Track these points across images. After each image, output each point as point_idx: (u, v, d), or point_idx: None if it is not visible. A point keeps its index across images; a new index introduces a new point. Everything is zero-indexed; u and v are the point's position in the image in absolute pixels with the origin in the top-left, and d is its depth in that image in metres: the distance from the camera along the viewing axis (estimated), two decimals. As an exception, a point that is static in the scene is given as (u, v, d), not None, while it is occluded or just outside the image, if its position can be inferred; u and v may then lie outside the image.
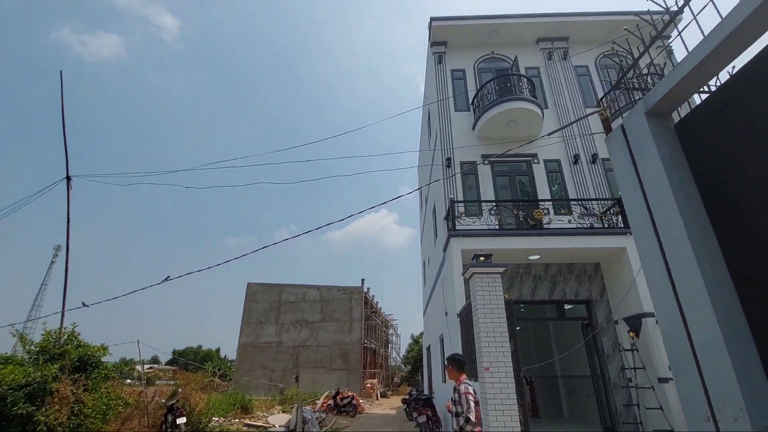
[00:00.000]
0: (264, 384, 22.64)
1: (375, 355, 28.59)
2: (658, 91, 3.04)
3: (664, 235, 2.94)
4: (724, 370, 2.40)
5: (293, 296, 26.15)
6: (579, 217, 9.41)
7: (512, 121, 10.36)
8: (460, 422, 3.70)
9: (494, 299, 5.88)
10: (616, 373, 8.44)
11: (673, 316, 2.82)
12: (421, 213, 19.84)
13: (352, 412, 14.41)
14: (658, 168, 2.99)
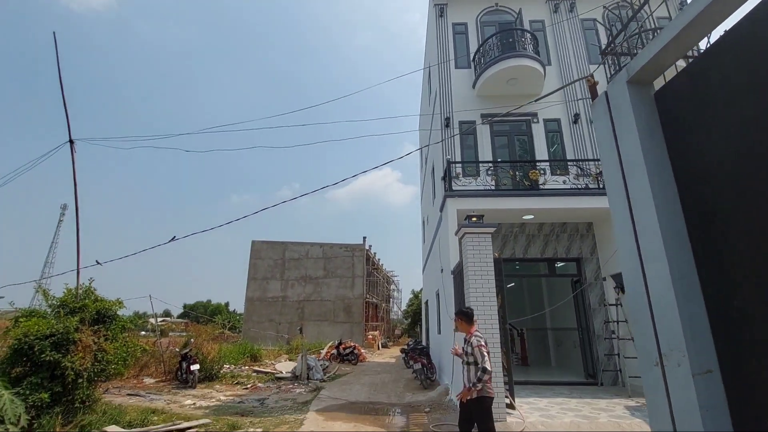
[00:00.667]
0: (271, 335, 23.92)
1: (377, 309, 29.83)
2: (640, 60, 3.10)
3: (634, 200, 3.13)
4: (673, 322, 2.69)
5: (297, 253, 26.87)
6: (575, 177, 9.51)
7: (513, 78, 10.17)
8: (477, 373, 3.94)
9: (484, 257, 6.18)
10: (600, 325, 8.94)
11: (635, 272, 3.08)
12: (421, 172, 19.87)
13: (354, 360, 15.37)
14: (633, 136, 3.11)
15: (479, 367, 3.95)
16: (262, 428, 6.05)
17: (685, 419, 2.57)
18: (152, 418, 6.57)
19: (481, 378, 3.91)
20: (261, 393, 9.48)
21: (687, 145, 2.86)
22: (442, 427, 5.96)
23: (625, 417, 5.75)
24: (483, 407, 3.98)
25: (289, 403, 8.28)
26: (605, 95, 3.57)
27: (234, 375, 11.59)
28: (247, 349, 15.80)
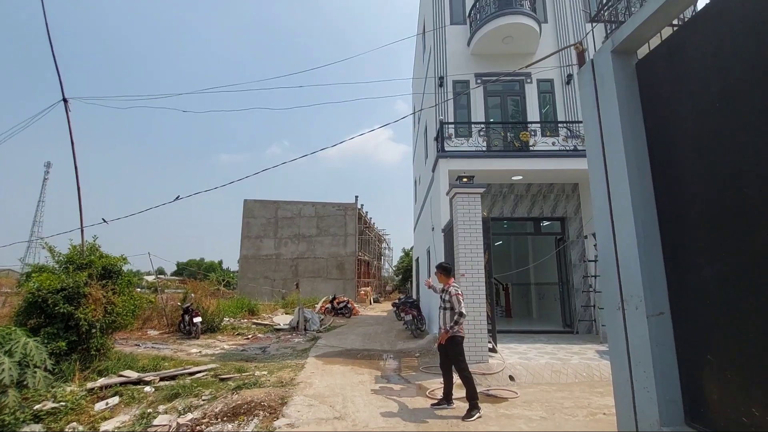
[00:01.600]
0: (266, 291, 24.69)
1: (368, 267, 30.72)
2: (625, 30, 3.28)
3: (609, 165, 3.44)
4: (634, 273, 3.09)
5: (289, 212, 27.13)
6: (564, 139, 9.73)
7: (509, 37, 10.06)
8: (453, 317, 4.53)
9: (473, 216, 6.53)
10: (579, 280, 9.57)
11: (606, 230, 3.45)
12: (414, 131, 19.80)
13: (348, 314, 16.16)
14: (613, 104, 3.37)
15: (456, 311, 4.50)
16: (267, 371, 6.60)
17: (638, 353, 3.05)
18: (164, 364, 7.09)
19: (457, 321, 4.50)
20: (262, 342, 10.10)
21: (661, 115, 3.15)
22: (431, 368, 6.58)
23: (595, 359, 6.41)
24: (456, 345, 4.54)
25: (289, 350, 8.90)
26: (591, 63, 3.78)
27: (234, 327, 12.22)
28: (244, 303, 16.45)
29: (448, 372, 4.65)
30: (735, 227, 2.49)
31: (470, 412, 4.22)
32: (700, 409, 2.72)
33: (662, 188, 3.10)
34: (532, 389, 5.28)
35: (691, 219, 2.83)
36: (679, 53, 2.93)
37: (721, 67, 2.59)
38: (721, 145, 2.60)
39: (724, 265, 2.57)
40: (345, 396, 5.04)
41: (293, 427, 3.94)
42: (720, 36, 2.59)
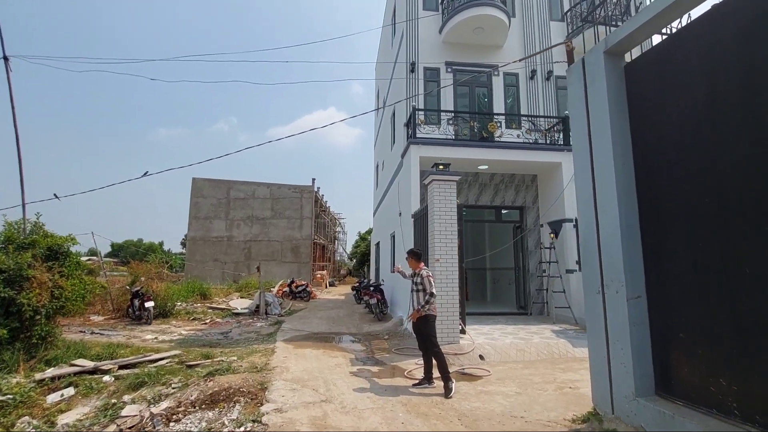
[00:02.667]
0: (216, 275, 23.66)
1: (323, 250, 30.45)
2: (619, 34, 3.51)
3: (596, 159, 3.70)
4: (616, 260, 3.37)
5: (242, 193, 25.97)
6: (526, 132, 10.21)
7: (480, 28, 10.24)
8: (426, 297, 4.71)
9: (449, 203, 6.70)
10: (534, 265, 10.23)
11: (590, 219, 3.73)
12: (376, 116, 19.67)
13: (307, 297, 16.00)
14: (603, 101, 3.61)
15: (427, 292, 4.71)
16: (236, 357, 6.40)
17: (617, 332, 3.36)
18: (120, 352, 6.61)
19: (429, 301, 4.71)
20: (222, 327, 9.74)
21: (646, 114, 3.42)
22: (403, 350, 6.76)
23: (553, 338, 6.95)
24: (428, 323, 4.78)
25: (254, 335, 8.68)
26: (582, 62, 3.99)
27: (188, 312, 11.64)
28: (195, 287, 15.67)
29: (427, 352, 4.82)
30: (711, 220, 2.81)
31: (447, 386, 4.45)
32: (670, 382, 3.08)
33: (643, 182, 3.40)
34: (501, 367, 5.64)
35: (671, 212, 3.14)
36: (668, 59, 3.18)
37: (706, 75, 2.87)
38: (701, 145, 2.90)
39: (699, 254, 2.89)
40: (326, 379, 5.05)
41: (281, 411, 3.90)
42: (707, 47, 2.85)
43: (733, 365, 2.59)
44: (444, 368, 4.53)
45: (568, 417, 3.75)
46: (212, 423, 3.91)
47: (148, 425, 4.16)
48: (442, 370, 4.54)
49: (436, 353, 4.65)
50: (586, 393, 4.47)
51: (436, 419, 3.72)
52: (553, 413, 3.87)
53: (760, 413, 2.42)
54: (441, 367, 4.55)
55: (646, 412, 3.02)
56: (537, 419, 3.73)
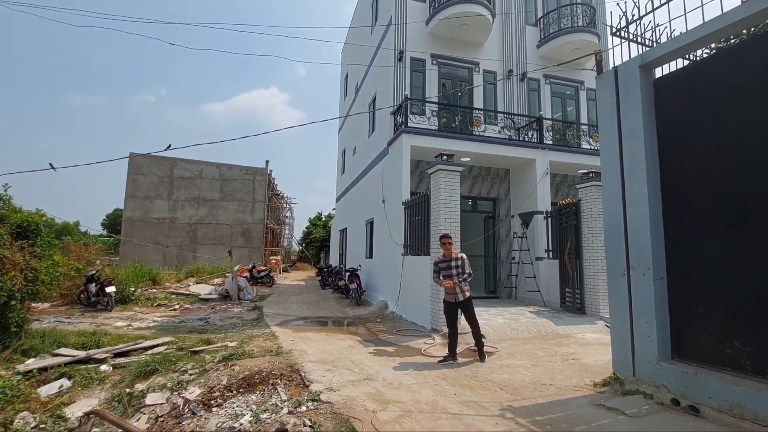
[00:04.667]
0: (157, 259, 21.96)
1: (274, 235, 29.55)
2: (658, 51, 4.02)
3: (626, 158, 4.22)
4: (645, 247, 3.92)
5: (188, 172, 24.16)
6: (502, 128, 10.90)
7: (466, 24, 10.62)
8: (463, 276, 5.24)
9: (453, 192, 7.05)
10: (505, 253, 11.07)
11: (617, 211, 4.26)
12: (343, 100, 19.40)
13: (270, 283, 15.59)
14: (637, 109, 4.12)
15: (466, 272, 5.24)
16: (237, 342, 6.21)
17: (641, 308, 3.92)
18: (104, 339, 6.07)
19: (466, 279, 5.23)
20: (197, 313, 9.25)
21: (673, 123, 3.98)
22: (404, 332, 7.05)
23: (534, 318, 7.69)
24: (471, 304, 5.32)
25: (237, 321, 8.40)
26: (614, 71, 4.48)
27: (150, 298, 10.80)
28: (145, 272, 14.48)
29: (455, 330, 5.25)
30: (728, 214, 3.44)
31: (482, 354, 5.21)
32: (685, 348, 3.71)
33: (666, 182, 3.99)
34: (503, 344, 6.17)
35: (691, 208, 3.74)
36: (697, 78, 3.76)
37: (729, 97, 3.46)
38: (726, 152, 3.51)
39: (717, 243, 3.51)
40: (352, 360, 5.17)
41: (334, 390, 3.98)
42: (738, 74, 3.43)
43: (746, 331, 3.24)
44: (480, 340, 5.25)
45: (588, 382, 4.32)
46: (261, 405, 3.87)
47: (186, 412, 4.01)
48: (479, 341, 5.25)
49: (478, 330, 5.29)
50: (589, 363, 5.14)
51: (482, 390, 4.07)
52: (573, 380, 4.42)
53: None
54: (479, 339, 5.26)
55: (669, 373, 3.62)
56: (564, 385, 4.24)
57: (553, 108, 12.39)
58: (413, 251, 8.30)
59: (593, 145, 11.71)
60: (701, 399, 3.31)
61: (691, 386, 3.42)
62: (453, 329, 5.30)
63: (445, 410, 3.48)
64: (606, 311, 7.72)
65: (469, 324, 5.32)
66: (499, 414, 3.42)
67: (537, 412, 3.47)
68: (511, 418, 3.33)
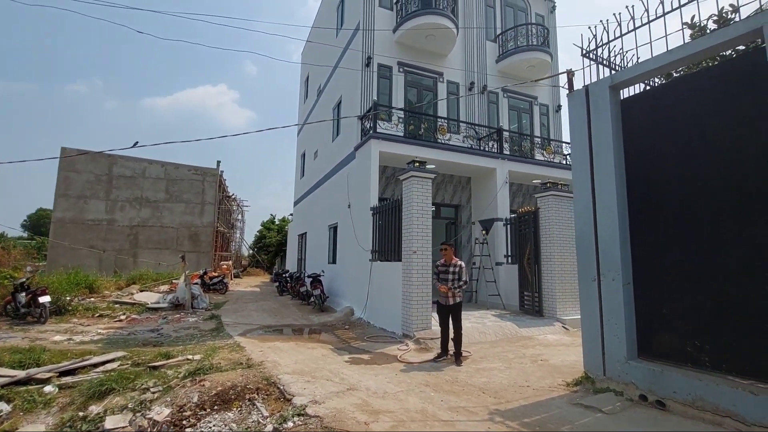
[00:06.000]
0: (92, 264, 20.03)
1: (224, 239, 28.13)
2: (627, 74, 4.37)
3: (597, 169, 4.53)
4: (614, 254, 4.22)
5: (129, 170, 22.29)
6: (465, 137, 11.28)
7: (432, 35, 10.88)
8: (460, 283, 5.47)
9: (425, 199, 7.15)
10: (467, 259, 11.40)
11: (588, 221, 4.55)
12: (303, 102, 19.02)
13: (223, 289, 14.79)
14: (606, 124, 4.45)
15: (463, 279, 5.47)
16: (201, 354, 5.81)
17: (611, 311, 4.21)
18: (43, 356, 5.38)
19: (461, 286, 5.45)
20: (146, 324, 8.53)
21: (638, 139, 4.34)
22: (375, 338, 7.00)
23: (499, 321, 7.98)
24: (460, 308, 5.57)
25: (195, 332, 7.86)
26: (585, 89, 4.81)
27: (90, 308, 9.79)
28: (81, 279, 13.13)
29: (447, 329, 5.56)
30: (689, 225, 3.81)
31: (459, 359, 5.37)
32: (650, 348, 4.04)
33: (632, 194, 4.33)
34: (474, 348, 6.33)
35: (656, 218, 4.10)
36: (658, 102, 4.15)
37: (693, 118, 3.85)
38: (684, 167, 3.88)
39: (682, 250, 3.87)
40: (330, 370, 5.03)
41: (319, 402, 3.84)
42: (693, 97, 3.83)
43: (704, 330, 3.60)
44: (461, 344, 5.47)
45: (561, 383, 4.55)
46: (241, 423, 3.65)
47: (155, 434, 3.66)
48: (459, 346, 5.43)
49: (461, 335, 5.49)
50: (557, 363, 5.42)
51: (466, 395, 4.14)
52: (547, 381, 4.63)
53: (725, 363, 3.43)
54: (459, 344, 5.44)
55: (637, 371, 3.92)
56: (540, 386, 4.44)
57: (510, 120, 13.05)
58: (383, 257, 8.29)
59: (546, 156, 12.48)
60: (667, 394, 3.62)
61: (658, 382, 3.72)
62: (444, 328, 5.58)
63: (436, 417, 3.49)
64: (562, 313, 8.22)
65: (453, 327, 5.51)
66: (488, 418, 3.49)
67: (523, 414, 3.59)
68: (501, 421, 3.41)
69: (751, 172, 3.40)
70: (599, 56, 4.84)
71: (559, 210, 8.54)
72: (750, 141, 3.42)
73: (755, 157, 3.37)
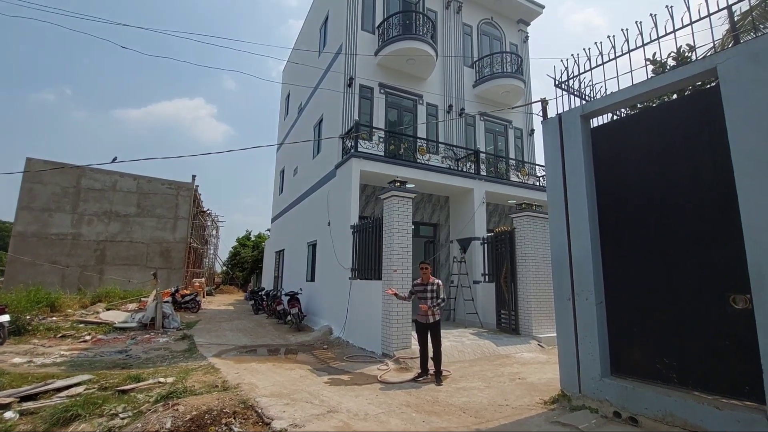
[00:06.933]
0: (53, 281, 19.01)
1: (197, 255, 27.31)
2: (596, 105, 4.66)
3: (570, 194, 4.75)
4: (587, 275, 4.41)
5: (99, 183, 21.50)
6: (444, 158, 11.57)
7: (412, 59, 11.24)
8: (438, 301, 5.56)
9: (406, 218, 7.26)
10: (445, 277, 11.52)
11: (562, 242, 4.74)
12: (284, 119, 19.05)
13: (195, 308, 14.29)
14: (578, 152, 4.70)
15: (440, 298, 5.57)
16: (174, 377, 5.60)
17: (585, 329, 4.37)
18: (2, 380, 5.05)
19: (439, 304, 5.56)
20: (113, 345, 8.14)
21: (606, 165, 4.61)
22: (354, 358, 6.93)
23: (477, 339, 8.06)
24: (439, 326, 5.63)
25: (166, 352, 7.56)
26: (558, 117, 5.08)
27: (51, 328, 9.25)
28: (42, 296, 12.41)
29: (426, 349, 5.56)
30: (655, 247, 4.04)
31: (439, 378, 5.38)
32: (622, 365, 4.20)
33: (602, 217, 4.56)
34: (453, 366, 6.37)
35: (625, 240, 4.33)
36: (624, 132, 4.44)
37: (656, 148, 4.14)
38: (650, 191, 4.15)
39: (647, 271, 4.09)
40: (309, 391, 4.94)
41: (299, 426, 3.76)
42: (656, 129, 4.13)
43: (671, 348, 3.78)
44: (440, 363, 5.47)
45: (538, 401, 4.64)
46: (218, 448, 3.53)
47: (124, 463, 3.49)
48: (439, 364, 5.44)
49: (440, 353, 5.51)
50: (534, 382, 5.52)
51: (447, 415, 4.16)
52: (525, 399, 4.71)
53: (692, 379, 3.62)
54: (439, 362, 5.45)
55: (610, 388, 4.05)
56: (518, 405, 4.51)
57: (486, 142, 13.50)
58: (362, 275, 8.29)
59: (521, 178, 12.92)
60: (639, 410, 3.76)
61: (630, 399, 3.87)
62: (424, 347, 5.59)
63: (418, 438, 3.48)
64: (538, 331, 8.40)
65: (433, 345, 5.55)
66: (470, 438, 3.52)
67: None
68: (482, 441, 3.45)
69: (708, 198, 3.67)
70: (571, 87, 5.16)
71: (534, 230, 8.83)
72: (707, 170, 3.71)
73: (711, 184, 3.65)
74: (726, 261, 3.48)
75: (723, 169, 3.50)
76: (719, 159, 3.58)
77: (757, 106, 3.29)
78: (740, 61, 3.42)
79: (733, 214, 3.37)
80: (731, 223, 3.39)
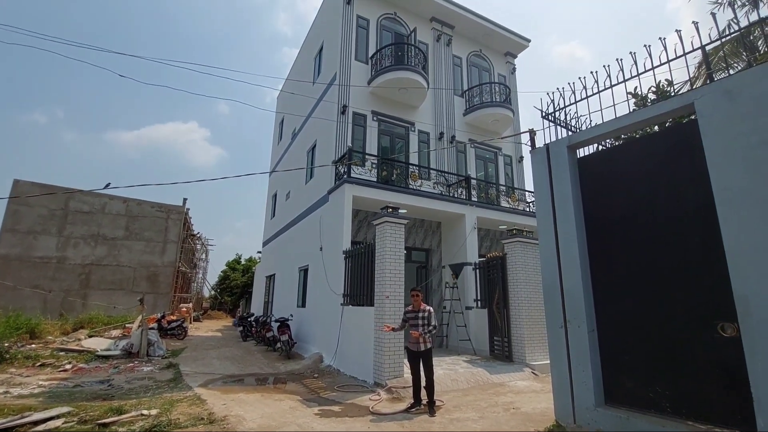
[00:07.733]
0: (35, 306, 18.44)
1: (185, 280, 26.80)
2: (582, 136, 4.82)
3: (559, 221, 4.84)
4: (579, 303, 4.44)
5: (88, 206, 21.26)
6: (435, 184, 11.74)
7: (404, 88, 11.57)
8: (428, 327, 5.48)
9: (398, 244, 7.28)
10: (437, 303, 11.46)
11: (553, 271, 4.78)
12: (277, 144, 19.25)
13: (182, 334, 13.90)
14: (566, 181, 4.82)
15: (432, 325, 5.49)
16: (158, 409, 5.39)
17: (578, 358, 4.38)
18: (-26, 415, 4.81)
19: (431, 331, 5.49)
20: (95, 374, 7.84)
21: (593, 193, 4.73)
22: (345, 387, 6.77)
23: (471, 368, 7.95)
24: (431, 354, 5.53)
25: (150, 382, 7.30)
26: (546, 147, 5.23)
27: (30, 356, 8.91)
28: (21, 322, 12.00)
29: (418, 378, 5.46)
30: (643, 278, 4.10)
31: (432, 409, 5.26)
32: (615, 394, 4.19)
33: (594, 247, 4.65)
34: (447, 396, 6.25)
35: (615, 269, 4.39)
36: (608, 162, 4.59)
37: (639, 178, 4.28)
38: (635, 221, 4.25)
39: (635, 300, 4.14)
40: (299, 424, 4.80)
41: (288, 460, 3.64)
42: (640, 159, 4.29)
43: (664, 377, 3.79)
44: (433, 392, 5.38)
45: (533, 431, 4.56)
46: (203, 485, 3.38)
47: (102, 503, 3.31)
48: (432, 394, 5.35)
49: (433, 382, 5.42)
50: (528, 411, 5.44)
51: (441, 447, 4.06)
52: (521, 429, 4.63)
53: (685, 408, 3.61)
54: (432, 392, 5.36)
55: (605, 418, 4.02)
56: (513, 437, 4.42)
57: (477, 168, 13.76)
58: (354, 301, 8.22)
59: (511, 204, 13.12)
60: (634, 441, 3.72)
61: (625, 429, 3.83)
62: (416, 376, 5.49)
63: (411, 473, 3.38)
64: (531, 359, 8.33)
65: (425, 373, 5.44)
66: (464, 472, 3.43)
67: (498, 466, 3.55)
68: (477, 475, 3.36)
69: (692, 226, 3.78)
70: (557, 118, 5.36)
71: (525, 256, 8.90)
72: (690, 199, 3.84)
73: (695, 213, 3.77)
74: (713, 289, 3.55)
75: (705, 198, 3.63)
76: (701, 189, 3.71)
77: (733, 139, 3.45)
78: (716, 98, 3.61)
79: (716, 242, 3.47)
80: (715, 251, 3.49)
